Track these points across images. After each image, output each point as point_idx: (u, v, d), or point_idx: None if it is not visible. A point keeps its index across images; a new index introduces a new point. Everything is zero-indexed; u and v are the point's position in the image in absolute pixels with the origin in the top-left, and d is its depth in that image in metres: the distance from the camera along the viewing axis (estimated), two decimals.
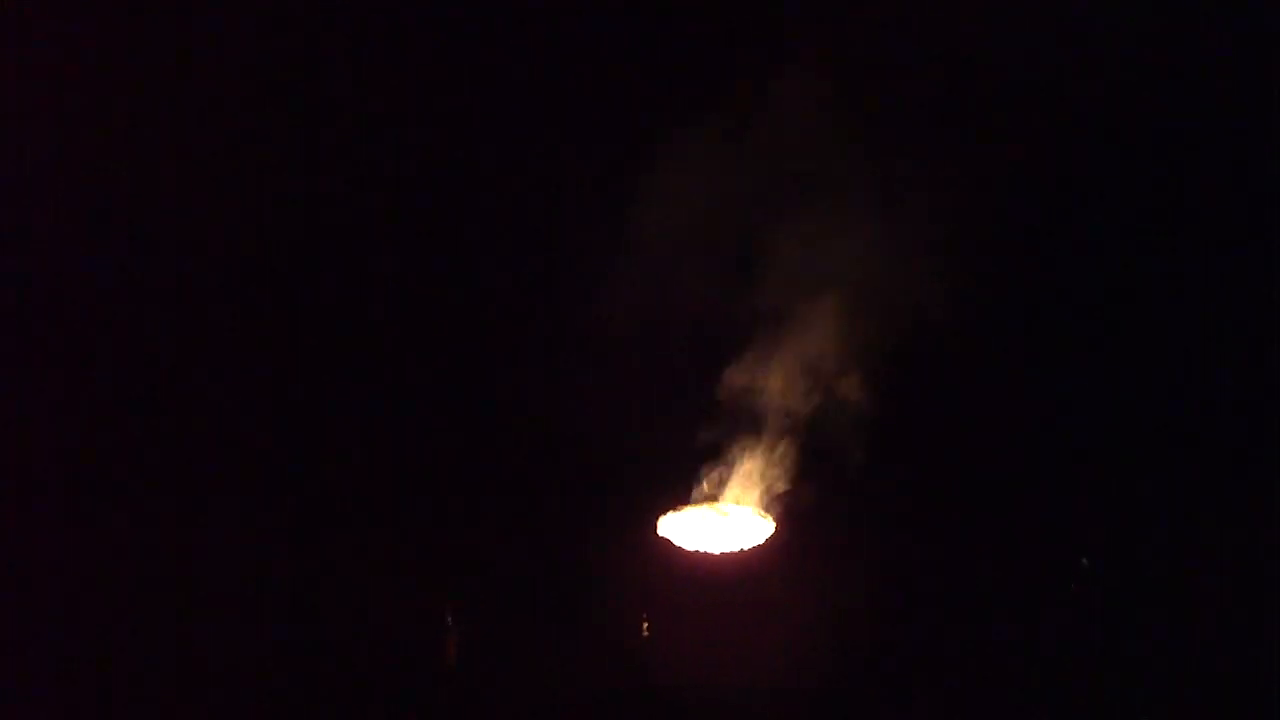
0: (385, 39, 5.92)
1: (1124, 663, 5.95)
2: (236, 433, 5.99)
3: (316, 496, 6.03)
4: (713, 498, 6.22)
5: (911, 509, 6.23)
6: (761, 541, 6.17)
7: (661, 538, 6.17)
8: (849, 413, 6.20)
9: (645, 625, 6.10)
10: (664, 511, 6.18)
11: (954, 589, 6.16)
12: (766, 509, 6.20)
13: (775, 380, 6.22)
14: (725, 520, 6.19)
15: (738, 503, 6.21)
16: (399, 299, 6.19)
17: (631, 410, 6.15)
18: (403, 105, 5.96)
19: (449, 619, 5.97)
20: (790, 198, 6.10)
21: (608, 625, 6.10)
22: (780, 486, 6.20)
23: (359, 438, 6.14)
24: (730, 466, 6.21)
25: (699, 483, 6.21)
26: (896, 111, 5.95)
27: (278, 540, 5.92)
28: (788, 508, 6.19)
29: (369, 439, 6.16)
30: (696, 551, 6.15)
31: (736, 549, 6.15)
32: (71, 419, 5.81)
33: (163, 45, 5.80)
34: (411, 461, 6.17)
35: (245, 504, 5.93)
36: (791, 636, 6.01)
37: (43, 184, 5.72)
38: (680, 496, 6.20)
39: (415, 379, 6.20)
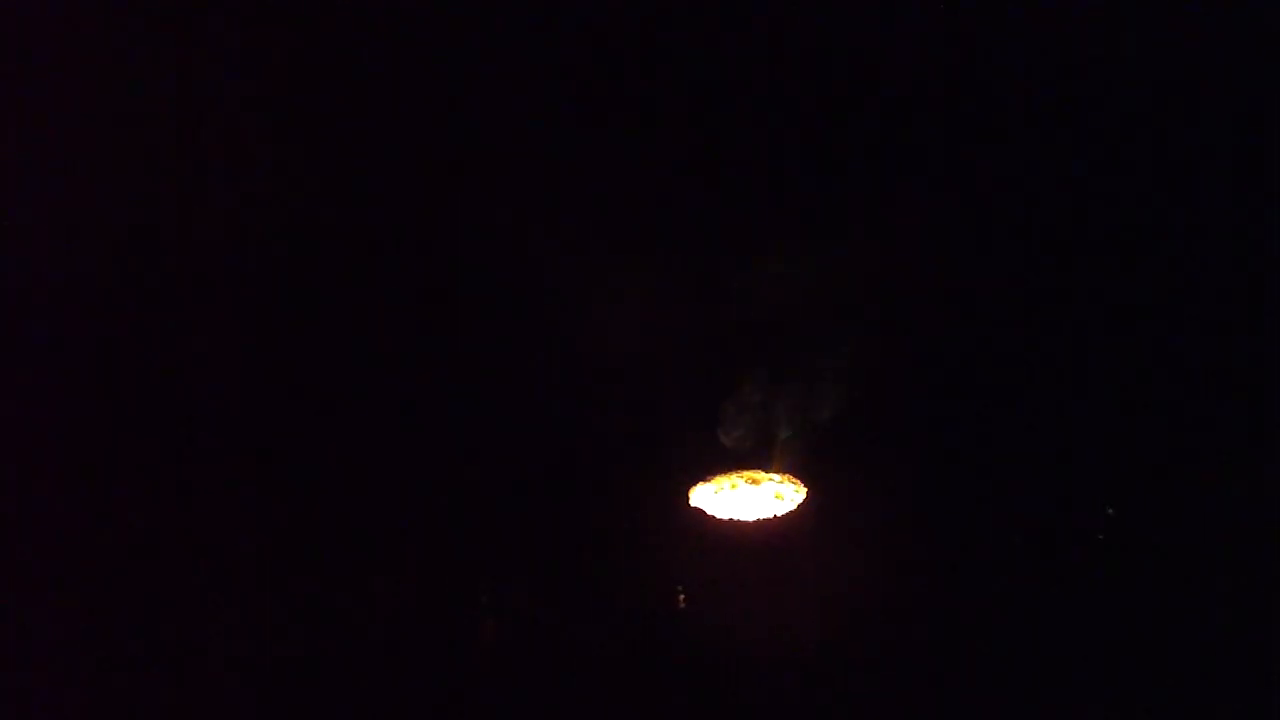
0: None
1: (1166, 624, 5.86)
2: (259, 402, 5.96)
3: (345, 475, 6.06)
4: (744, 466, 6.09)
5: (947, 472, 6.05)
6: (794, 508, 6.09)
7: (694, 508, 6.12)
8: (884, 376, 5.94)
9: (681, 596, 6.15)
10: (695, 483, 6.10)
11: (992, 552, 6.05)
12: (799, 476, 6.06)
13: (807, 345, 5.96)
14: (757, 489, 6.09)
15: (769, 470, 6.09)
16: (422, 263, 5.96)
17: (661, 383, 5.96)
18: None
19: (484, 597, 6.08)
20: None
21: (643, 598, 6.16)
22: (813, 452, 6.04)
23: (386, 414, 6.09)
24: (761, 434, 6.05)
25: (730, 452, 6.08)
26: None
27: (310, 518, 5.99)
28: (820, 473, 6.05)
29: (396, 413, 6.10)
30: (730, 520, 6.10)
31: (770, 516, 6.09)
32: (71, 417, 5.81)
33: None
34: (441, 437, 6.13)
35: (277, 475, 5.96)
36: (828, 603, 6.01)
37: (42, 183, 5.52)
38: (711, 467, 6.09)
39: (445, 347, 6.06)
